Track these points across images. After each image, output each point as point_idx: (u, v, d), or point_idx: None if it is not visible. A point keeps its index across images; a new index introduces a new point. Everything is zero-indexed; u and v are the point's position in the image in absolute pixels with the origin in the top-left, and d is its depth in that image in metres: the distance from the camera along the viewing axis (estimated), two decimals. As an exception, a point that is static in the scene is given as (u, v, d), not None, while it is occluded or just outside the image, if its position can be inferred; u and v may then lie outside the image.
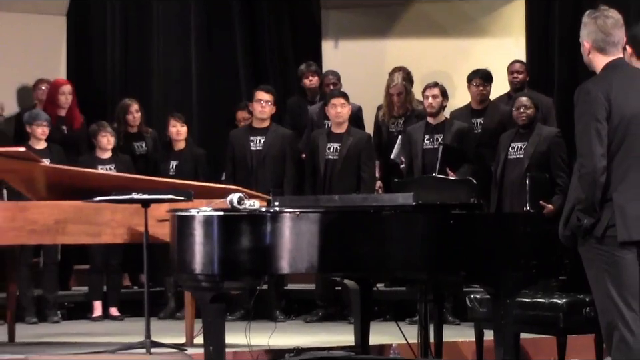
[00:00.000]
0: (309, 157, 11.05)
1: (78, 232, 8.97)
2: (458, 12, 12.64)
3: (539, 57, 12.28)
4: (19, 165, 9.31)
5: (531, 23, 12.32)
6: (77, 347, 9.10)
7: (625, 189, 5.98)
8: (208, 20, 13.64)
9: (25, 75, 12.62)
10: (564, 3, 12.13)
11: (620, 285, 5.99)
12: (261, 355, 8.51)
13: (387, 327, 9.27)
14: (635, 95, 6.05)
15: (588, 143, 5.97)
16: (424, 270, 8.29)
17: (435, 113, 10.76)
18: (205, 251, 7.69)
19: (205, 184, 9.48)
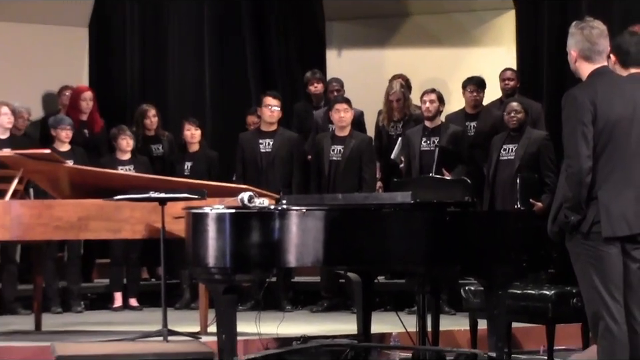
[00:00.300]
0: (314, 159, 11.04)
1: (99, 228, 8.97)
2: (452, 23, 12.63)
3: (529, 65, 12.27)
4: (45, 165, 9.32)
5: (521, 33, 12.31)
6: (99, 335, 9.11)
7: (610, 188, 5.98)
8: (220, 31, 13.64)
9: (50, 82, 12.62)
10: (552, 15, 12.12)
11: (605, 277, 5.98)
12: (270, 342, 8.50)
13: (387, 316, 9.27)
14: (618, 100, 6.05)
15: (575, 145, 5.97)
16: (421, 263, 8.29)
17: (432, 117, 10.76)
18: (218, 246, 7.70)
19: (218, 183, 9.47)
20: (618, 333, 5.97)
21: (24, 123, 11.55)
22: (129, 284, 11.39)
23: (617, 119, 6.02)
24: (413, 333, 8.70)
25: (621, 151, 6.01)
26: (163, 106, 12.60)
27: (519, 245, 8.17)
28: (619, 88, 6.16)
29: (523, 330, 8.96)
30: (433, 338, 8.66)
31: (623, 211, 5.98)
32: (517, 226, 8.46)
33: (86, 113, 11.93)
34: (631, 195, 6.02)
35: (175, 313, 9.96)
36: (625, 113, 6.05)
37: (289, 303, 10.84)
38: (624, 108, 6.06)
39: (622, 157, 6.02)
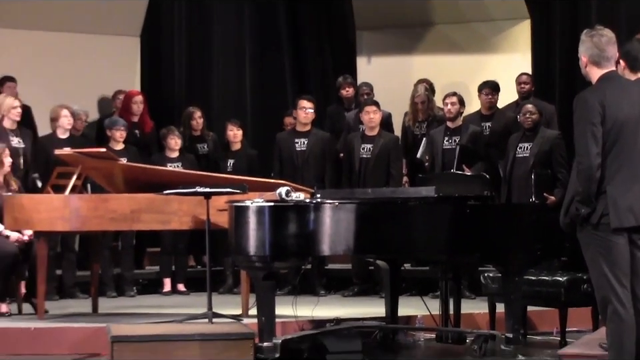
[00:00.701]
0: (346, 156, 11.03)
1: (150, 220, 8.99)
2: (472, 32, 12.60)
3: (543, 70, 12.22)
4: (101, 163, 9.35)
5: (536, 41, 12.26)
6: (150, 317, 9.13)
7: (617, 183, 5.96)
8: (260, 40, 13.66)
9: (105, 87, 12.66)
10: (564, 24, 12.07)
11: (613, 265, 5.96)
12: (305, 324, 8.49)
13: (412, 300, 9.25)
14: (626, 102, 6.03)
15: (585, 144, 5.96)
16: (444, 252, 8.30)
17: (453, 118, 10.74)
18: (258, 236, 7.72)
19: (258, 179, 9.46)
20: (625, 316, 5.96)
21: (82, 125, 11.61)
22: (177, 271, 11.41)
23: (624, 119, 6.00)
24: (437, 316, 8.70)
25: (628, 149, 6.00)
26: (208, 108, 12.61)
27: (533, 235, 8.16)
28: (626, 91, 6.14)
29: (538, 313, 8.92)
30: (455, 320, 8.65)
31: (629, 204, 5.96)
32: (532, 218, 8.44)
33: (137, 115, 11.96)
34: (638, 189, 6.00)
35: (218, 297, 9.97)
36: (631, 114, 6.04)
37: (322, 288, 10.83)
38: (631, 109, 6.04)
39: (629, 154, 6.00)
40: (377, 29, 12.94)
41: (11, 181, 9.60)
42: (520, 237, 8.22)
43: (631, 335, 5.99)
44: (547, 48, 12.33)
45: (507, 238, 8.21)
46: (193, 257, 11.71)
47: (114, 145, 10.84)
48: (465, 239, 8.11)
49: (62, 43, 12.57)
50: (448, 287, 8.65)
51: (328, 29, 13.70)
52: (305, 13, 13.69)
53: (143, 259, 11.90)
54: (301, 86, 13.23)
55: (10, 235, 9.26)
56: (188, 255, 11.54)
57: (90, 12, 12.63)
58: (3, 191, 9.37)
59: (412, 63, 12.54)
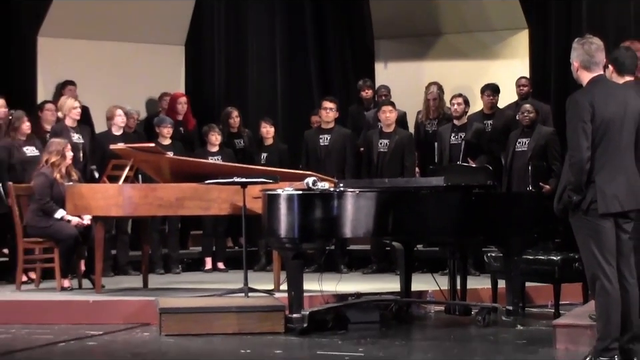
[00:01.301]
0: (365, 150, 11.02)
1: (193, 206, 8.99)
2: (476, 41, 12.56)
3: (539, 74, 12.17)
4: (150, 156, 9.37)
5: (533, 48, 12.22)
6: (193, 292, 9.16)
7: (605, 174, 5.96)
8: (289, 48, 13.64)
9: (154, 90, 12.68)
10: (558, 33, 12.03)
11: (601, 246, 5.96)
12: (330, 298, 8.49)
13: (424, 277, 9.23)
14: (612, 103, 6.03)
15: (576, 139, 5.96)
16: (452, 234, 8.31)
17: (459, 116, 10.74)
18: (288, 221, 7.75)
19: (288, 170, 9.47)
20: (612, 291, 5.95)
21: (134, 123, 11.63)
22: (217, 251, 11.42)
23: (611, 118, 6.00)
24: (445, 291, 8.72)
25: (614, 145, 6.00)
26: (244, 108, 12.61)
27: (530, 219, 8.16)
28: (613, 93, 6.13)
29: (534, 288, 8.90)
30: (461, 294, 8.68)
31: (615, 192, 5.97)
32: (530, 204, 8.45)
33: (182, 114, 11.99)
34: (623, 179, 6.01)
35: (253, 274, 9.97)
36: (617, 113, 6.03)
37: (345, 266, 10.82)
38: (617, 109, 6.04)
39: (615, 149, 6.00)
40: (393, 38, 12.93)
41: (72, 172, 9.62)
42: (519, 222, 8.22)
43: (617, 308, 5.99)
44: (543, 54, 12.29)
45: (508, 222, 8.22)
46: (231, 239, 11.72)
47: (162, 140, 10.87)
48: (471, 223, 8.11)
49: (116, 51, 12.60)
50: (455, 265, 8.68)
51: (350, 38, 13.68)
52: (329, 25, 13.67)
53: (187, 240, 11.92)
54: (326, 89, 13.21)
55: (71, 219, 9.29)
56: (226, 237, 11.55)
57: (141, 24, 12.65)
58: (65, 181, 9.40)
59: (423, 68, 12.51)
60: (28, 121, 10.20)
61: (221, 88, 13.72)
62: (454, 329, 8.08)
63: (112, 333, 7.88)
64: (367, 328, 8.05)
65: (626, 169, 6.05)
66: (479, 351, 7.11)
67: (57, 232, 9.29)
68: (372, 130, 11.11)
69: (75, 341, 7.58)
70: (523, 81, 11.31)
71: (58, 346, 7.39)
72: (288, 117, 13.26)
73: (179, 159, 9.70)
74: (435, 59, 12.61)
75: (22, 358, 7.00)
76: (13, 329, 8.09)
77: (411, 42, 12.78)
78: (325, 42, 13.69)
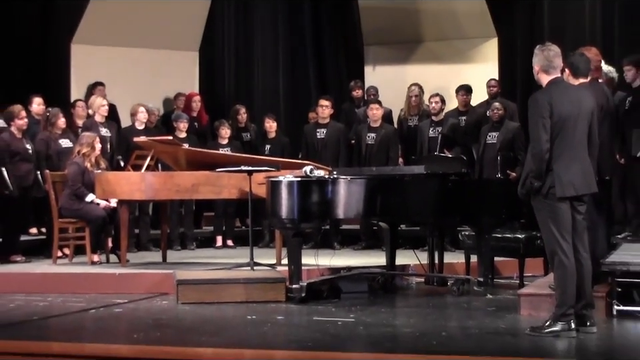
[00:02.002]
0: (356, 143, 11.02)
1: (206, 191, 9.01)
2: (452, 47, 12.54)
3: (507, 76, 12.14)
4: (169, 148, 9.37)
5: (502, 53, 12.21)
6: (206, 266, 9.16)
7: (561, 163, 6.03)
8: (291, 53, 13.62)
9: (170, 90, 12.63)
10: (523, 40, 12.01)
11: (559, 225, 6.03)
12: (325, 271, 8.51)
13: (407, 253, 9.24)
14: (567, 101, 6.09)
15: (537, 133, 6.02)
16: (431, 216, 8.34)
17: (437, 113, 10.77)
18: (288, 204, 7.77)
19: (288, 160, 9.47)
20: (568, 264, 6.00)
21: (155, 118, 11.60)
22: (226, 230, 11.41)
23: (567, 115, 6.06)
24: (425, 265, 8.74)
25: (569, 138, 6.06)
26: (250, 105, 12.59)
27: (499, 203, 8.18)
28: (568, 93, 6.19)
29: (502, 262, 8.91)
30: (439, 268, 8.70)
31: (570, 179, 6.04)
32: (498, 190, 8.49)
33: (196, 111, 11.98)
34: (577, 168, 6.07)
35: (258, 250, 9.99)
36: (572, 111, 6.08)
37: (337, 244, 10.82)
38: (572, 107, 6.09)
39: (570, 142, 6.06)
40: (380, 45, 12.91)
41: (101, 161, 9.62)
42: (489, 204, 8.24)
43: (573, 279, 6.04)
44: (510, 59, 12.27)
45: (479, 205, 8.24)
46: (238, 220, 11.72)
47: (178, 134, 10.86)
48: (447, 206, 8.13)
49: (139, 56, 12.56)
50: (434, 242, 8.70)
51: (343, 45, 13.64)
52: (326, 33, 13.64)
53: (201, 221, 11.91)
54: (322, 89, 13.19)
55: (100, 202, 9.29)
56: (235, 218, 11.54)
57: (161, 33, 12.61)
58: (95, 169, 9.40)
59: (406, 71, 12.49)
60: (63, 117, 10.21)
61: (230, 88, 13.71)
62: (432, 297, 8.09)
63: (135, 302, 7.91)
64: (357, 297, 8.07)
65: (580, 159, 6.10)
66: (454, 316, 7.13)
67: (88, 213, 9.29)
68: (362, 125, 11.10)
69: (104, 308, 7.60)
70: (493, 82, 11.30)
71: (89, 312, 7.41)
72: (289, 113, 13.23)
73: (194, 150, 9.70)
74: (416, 63, 12.60)
75: (58, 323, 7.03)
76: (50, 298, 8.12)
77: (395, 48, 12.77)
78: (321, 48, 13.66)
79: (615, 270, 6.86)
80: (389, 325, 6.75)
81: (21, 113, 9.79)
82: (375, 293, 8.35)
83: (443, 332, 6.31)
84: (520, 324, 6.57)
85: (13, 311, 7.53)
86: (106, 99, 11.03)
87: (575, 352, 5.71)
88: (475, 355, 5.50)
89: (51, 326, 6.91)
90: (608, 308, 6.77)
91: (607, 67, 8.18)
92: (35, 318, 7.11)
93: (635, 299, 6.90)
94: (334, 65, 13.64)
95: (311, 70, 13.54)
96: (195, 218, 11.52)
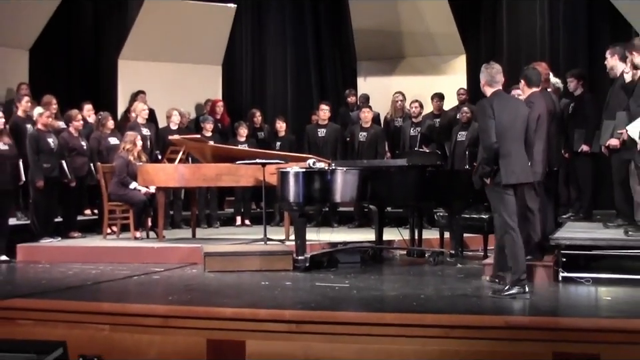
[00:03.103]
0: (350, 140, 11.00)
1: (228, 180, 9.03)
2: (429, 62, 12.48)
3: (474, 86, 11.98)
4: (197, 144, 9.39)
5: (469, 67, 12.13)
6: (228, 241, 9.16)
7: (506, 159, 6.19)
8: (297, 65, 13.59)
9: (199, 97, 12.65)
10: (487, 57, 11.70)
11: (506, 208, 6.17)
12: (325, 245, 8.52)
13: (392, 231, 9.26)
14: (506, 109, 6.27)
15: (486, 130, 6.22)
16: (412, 200, 8.33)
17: (416, 116, 10.78)
18: (295, 190, 7.77)
19: (295, 154, 9.47)
20: (517, 239, 6.19)
21: (186, 120, 11.59)
22: (244, 211, 11.39)
23: (507, 119, 6.23)
24: (407, 240, 8.75)
25: (511, 138, 6.22)
26: (264, 109, 12.58)
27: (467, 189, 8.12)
28: (507, 103, 6.38)
29: (470, 238, 8.88)
30: (418, 242, 8.70)
31: (513, 170, 6.18)
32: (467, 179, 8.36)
33: (219, 114, 11.96)
34: (518, 162, 6.22)
35: (271, 228, 10.00)
36: (511, 116, 6.25)
37: (335, 223, 10.84)
38: (510, 114, 6.26)
39: (512, 141, 6.22)
40: (370, 60, 12.86)
41: (142, 155, 9.62)
42: (459, 191, 8.23)
43: (522, 251, 6.17)
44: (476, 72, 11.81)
45: (451, 191, 8.23)
46: (254, 203, 11.72)
47: (205, 133, 10.82)
48: (425, 192, 8.11)
49: (174, 69, 12.52)
50: (414, 221, 8.71)
51: (340, 60, 13.58)
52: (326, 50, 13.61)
53: (223, 204, 11.89)
54: (322, 95, 13.17)
55: (141, 189, 9.30)
56: (251, 201, 11.53)
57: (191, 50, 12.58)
58: (137, 162, 9.41)
59: (391, 82, 12.43)
60: (111, 119, 10.29)
61: (247, 95, 13.71)
62: (413, 267, 8.10)
63: (170, 270, 7.92)
64: (351, 267, 8.07)
65: (520, 156, 6.26)
66: (430, 282, 7.12)
67: (132, 198, 9.29)
68: (355, 125, 11.08)
69: (144, 275, 7.61)
70: (462, 91, 11.27)
71: (132, 278, 7.43)
72: (295, 116, 13.20)
73: (217, 146, 9.69)
74: (400, 75, 12.56)
75: (107, 287, 7.04)
76: (101, 267, 8.13)
77: (382, 63, 12.73)
78: (322, 62, 13.62)
79: (560, 244, 6.87)
80: (377, 289, 6.75)
81: (77, 116, 9.83)
82: (365, 263, 8.34)
83: (422, 295, 6.31)
84: (484, 288, 6.57)
85: (70, 277, 7.54)
86: (146, 105, 11.03)
87: (528, 309, 5.73)
88: (447, 313, 5.50)
89: (101, 289, 6.92)
90: (555, 274, 6.80)
91: (554, 78, 8.21)
92: (88, 283, 7.13)
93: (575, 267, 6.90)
94: (332, 76, 13.61)
95: (313, 80, 13.51)
96: (219, 201, 11.50)
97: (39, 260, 8.57)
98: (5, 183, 8.52)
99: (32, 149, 9.03)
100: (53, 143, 9.20)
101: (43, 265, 8.33)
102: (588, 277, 6.72)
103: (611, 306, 5.85)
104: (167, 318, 5.64)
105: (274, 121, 11.64)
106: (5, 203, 8.65)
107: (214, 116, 11.67)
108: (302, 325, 5.38)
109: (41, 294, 6.48)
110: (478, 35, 12.45)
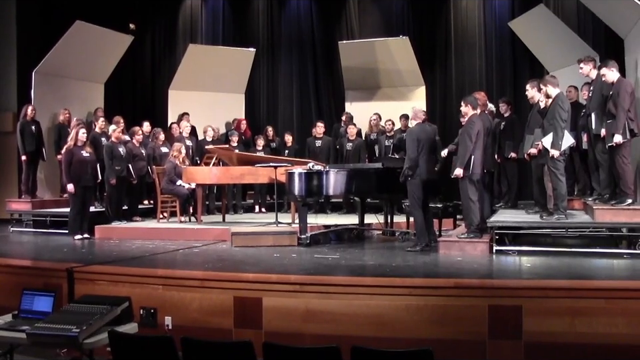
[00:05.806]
0: (340, 149, 10.99)
1: (250, 178, 9.01)
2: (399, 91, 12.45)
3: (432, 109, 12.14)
4: (226, 152, 9.39)
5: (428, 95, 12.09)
6: (249, 224, 9.15)
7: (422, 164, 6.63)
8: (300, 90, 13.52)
9: (227, 116, 12.59)
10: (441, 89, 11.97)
11: (418, 194, 6.75)
12: (321, 227, 8.54)
13: (371, 216, 9.27)
14: (424, 133, 6.77)
15: (411, 146, 6.70)
16: (386, 193, 8.32)
17: (390, 130, 10.74)
18: (299, 186, 7.78)
19: (299, 159, 9.49)
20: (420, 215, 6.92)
21: (217, 134, 11.55)
22: (261, 201, 11.40)
23: (425, 139, 6.73)
24: (382, 223, 8.75)
25: (425, 151, 6.73)
26: (275, 126, 12.55)
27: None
28: (425, 129, 6.91)
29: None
30: (390, 225, 8.69)
31: (425, 170, 6.68)
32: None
33: (243, 130, 11.87)
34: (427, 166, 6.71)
35: (281, 214, 10.02)
36: (426, 136, 6.78)
37: (329, 210, 10.82)
38: (426, 135, 6.79)
39: (425, 153, 6.72)
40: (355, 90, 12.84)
41: (186, 160, 9.66)
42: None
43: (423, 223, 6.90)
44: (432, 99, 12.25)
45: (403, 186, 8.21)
46: (269, 195, 11.72)
47: (232, 144, 10.74)
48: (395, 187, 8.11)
49: (208, 97, 12.49)
50: (387, 209, 8.72)
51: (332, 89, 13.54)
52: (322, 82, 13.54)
53: (246, 195, 11.90)
54: (319, 115, 13.14)
55: (185, 185, 9.33)
56: (267, 194, 11.51)
57: (221, 81, 12.55)
58: (182, 165, 9.44)
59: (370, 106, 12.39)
60: (163, 133, 10.29)
61: (263, 115, 13.65)
62: (386, 243, 8.11)
63: (206, 245, 7.95)
64: (341, 243, 8.10)
65: (431, 161, 6.77)
66: (399, 255, 7.13)
67: (178, 192, 9.32)
68: (343, 138, 11.08)
69: (187, 248, 7.64)
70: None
71: (178, 251, 7.46)
72: (299, 130, 13.15)
73: (241, 153, 9.70)
74: (377, 100, 12.54)
75: (160, 257, 7.05)
76: (156, 242, 8.17)
77: (364, 91, 12.72)
78: (319, 91, 13.56)
79: (494, 225, 6.90)
80: (360, 260, 6.77)
81: (138, 131, 9.91)
82: (351, 240, 8.36)
83: (393, 263, 6.34)
84: (439, 259, 6.61)
85: (133, 250, 7.58)
86: (189, 123, 11.04)
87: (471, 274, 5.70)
88: (411, 277, 5.55)
89: (156, 259, 6.94)
90: (490, 248, 6.83)
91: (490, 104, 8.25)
92: (147, 254, 7.16)
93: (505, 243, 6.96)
94: (326, 102, 13.57)
95: (312, 105, 13.47)
96: (242, 194, 11.50)
97: (111, 237, 8.61)
98: (88, 180, 8.58)
99: (107, 155, 9.14)
100: (122, 152, 9.29)
101: (114, 241, 8.37)
102: (514, 250, 6.77)
103: (530, 270, 5.90)
104: (203, 280, 5.68)
105: (283, 134, 11.62)
106: (88, 195, 8.72)
107: (239, 131, 11.65)
108: (304, 286, 5.44)
109: (113, 262, 6.53)
110: (433, 72, 12.47)
